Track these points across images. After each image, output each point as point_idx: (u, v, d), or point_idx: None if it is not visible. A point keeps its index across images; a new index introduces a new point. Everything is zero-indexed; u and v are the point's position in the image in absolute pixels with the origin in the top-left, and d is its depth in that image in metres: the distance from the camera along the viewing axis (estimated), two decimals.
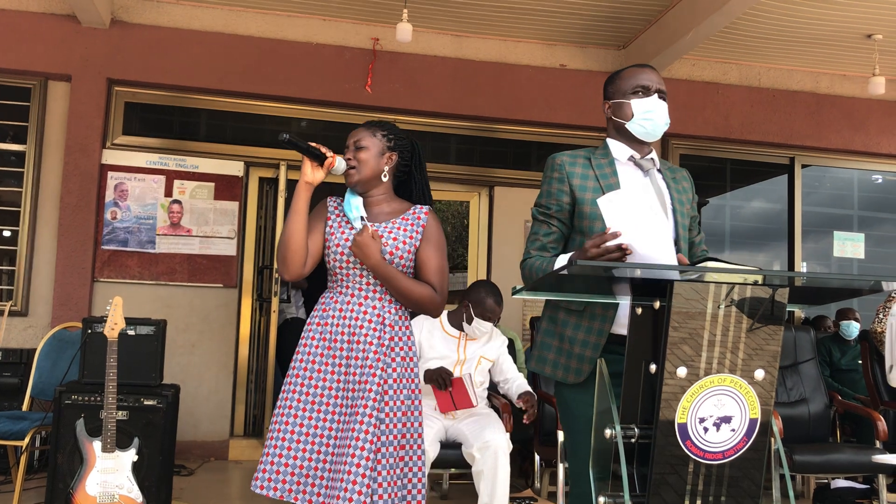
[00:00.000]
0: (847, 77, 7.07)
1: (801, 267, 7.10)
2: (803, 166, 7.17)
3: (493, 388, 4.42)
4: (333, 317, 2.56)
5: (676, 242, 2.36)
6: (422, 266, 2.64)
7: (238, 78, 6.08)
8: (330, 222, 2.66)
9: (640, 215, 2.06)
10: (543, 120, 6.57)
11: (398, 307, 2.62)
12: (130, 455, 3.66)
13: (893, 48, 6.39)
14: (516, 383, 4.21)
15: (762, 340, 1.95)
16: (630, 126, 2.38)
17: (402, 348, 2.60)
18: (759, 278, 1.92)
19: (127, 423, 3.99)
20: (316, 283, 6.60)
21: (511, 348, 5.21)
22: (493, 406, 4.30)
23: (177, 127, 6.25)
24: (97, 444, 3.61)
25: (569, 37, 6.47)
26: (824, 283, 2.14)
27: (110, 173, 5.95)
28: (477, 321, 4.07)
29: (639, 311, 2.03)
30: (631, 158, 2.41)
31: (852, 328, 5.96)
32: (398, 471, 2.53)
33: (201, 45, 6.05)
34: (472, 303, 4.09)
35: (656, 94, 2.40)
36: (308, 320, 2.63)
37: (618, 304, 2.23)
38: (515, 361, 5.25)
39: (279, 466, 2.47)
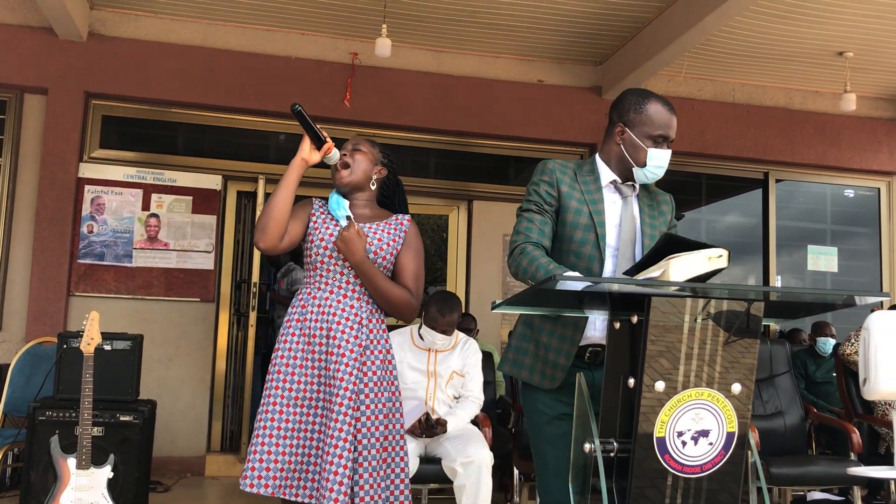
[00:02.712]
0: (819, 93, 7.18)
1: (776, 280, 7.18)
2: (777, 181, 7.27)
3: None
4: (312, 312, 2.58)
5: None
6: (401, 270, 2.70)
7: (216, 92, 6.07)
8: (314, 218, 2.70)
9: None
10: (521, 135, 6.61)
11: (374, 309, 2.65)
12: (106, 472, 3.62)
13: (864, 65, 6.51)
14: (465, 400, 4.13)
15: (738, 354, 1.98)
16: (636, 171, 2.38)
17: (380, 350, 2.63)
18: (726, 257, 1.95)
19: (102, 440, 3.95)
20: None
21: (489, 361, 5.22)
22: (472, 421, 4.29)
23: (154, 140, 6.23)
24: (72, 461, 3.57)
25: (546, 53, 6.52)
26: (798, 297, 2.17)
27: (87, 187, 5.91)
28: (428, 332, 4.04)
29: (617, 325, 2.05)
30: (613, 182, 2.41)
31: (828, 345, 6.00)
32: (381, 472, 2.54)
33: (179, 58, 6.03)
34: (424, 314, 4.08)
35: (668, 145, 2.39)
36: (287, 316, 2.64)
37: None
38: (493, 375, 5.27)
39: (268, 464, 2.48)
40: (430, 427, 3.87)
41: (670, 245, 2.03)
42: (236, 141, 6.36)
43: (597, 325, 2.26)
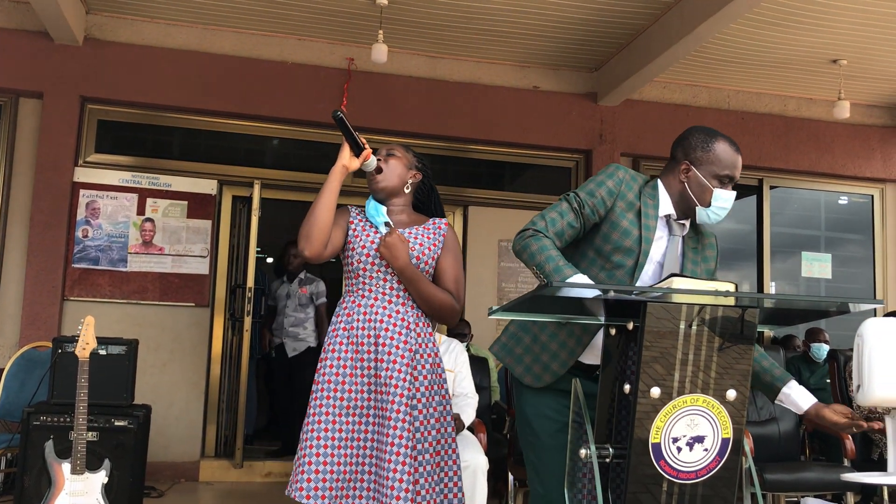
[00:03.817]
0: (813, 101, 7.22)
1: (770, 287, 7.20)
2: (771, 188, 7.30)
3: None
4: (358, 320, 2.56)
5: None
6: (441, 274, 2.69)
7: (212, 96, 6.07)
8: (353, 226, 2.69)
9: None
10: (517, 141, 6.62)
11: (420, 313, 2.64)
12: (100, 477, 3.61)
13: (858, 73, 6.54)
14: (464, 402, 4.14)
15: (733, 360, 1.99)
16: (700, 210, 2.32)
17: (429, 355, 2.62)
18: (732, 289, 1.96)
19: (97, 445, 3.94)
20: None
21: (485, 367, 5.23)
22: (468, 427, 4.28)
23: (150, 145, 6.22)
24: (66, 466, 3.56)
25: (542, 59, 6.54)
26: (792, 304, 2.18)
27: (82, 191, 5.90)
28: None
29: (612, 331, 2.06)
30: (667, 216, 2.35)
31: (822, 350, 6.04)
32: (436, 476, 2.54)
33: (175, 63, 6.04)
34: None
35: (733, 186, 2.34)
36: (332, 325, 2.62)
37: (595, 332, 2.24)
38: (489, 379, 5.27)
39: (324, 474, 2.43)
40: None
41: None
42: (232, 146, 6.36)
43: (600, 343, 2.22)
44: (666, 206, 2.34)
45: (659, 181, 2.38)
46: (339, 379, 2.53)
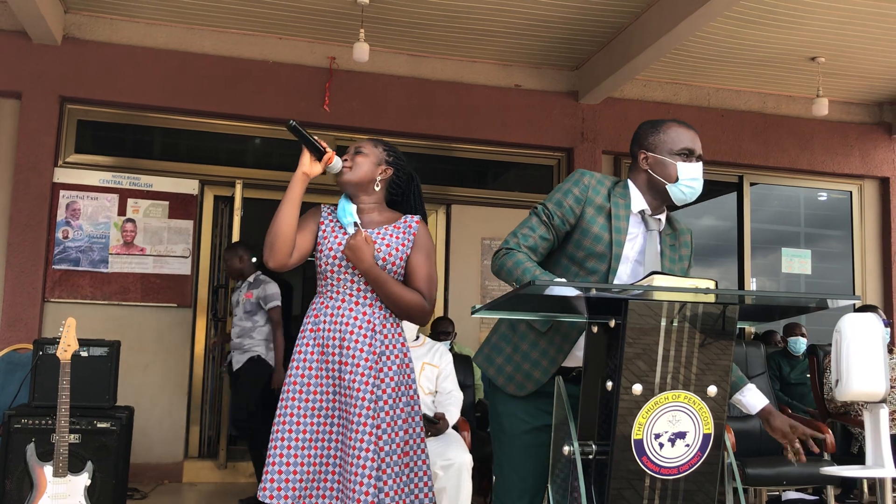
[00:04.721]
0: (792, 98, 7.28)
1: (751, 283, 7.26)
2: (751, 184, 7.36)
3: None
4: (325, 322, 2.56)
5: None
6: (412, 273, 2.65)
7: (193, 96, 6.04)
8: (323, 227, 2.67)
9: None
10: (499, 139, 6.64)
11: (388, 314, 2.62)
12: (83, 479, 3.59)
13: (836, 70, 6.61)
14: (445, 404, 4.15)
15: (714, 356, 2.01)
16: (671, 188, 2.33)
17: (396, 356, 2.60)
18: (711, 286, 1.98)
19: (79, 447, 3.92)
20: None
21: (468, 365, 5.24)
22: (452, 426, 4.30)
23: (130, 145, 6.18)
24: (48, 469, 3.54)
25: (524, 58, 6.56)
26: (772, 300, 2.21)
27: (62, 192, 5.86)
28: None
29: (594, 329, 2.08)
30: (641, 212, 2.36)
31: (800, 344, 6.11)
32: (404, 477, 2.54)
33: (156, 62, 6.00)
34: None
35: (697, 160, 2.36)
36: (302, 326, 2.62)
37: (576, 339, 2.26)
38: (473, 377, 5.28)
39: (287, 475, 2.45)
40: (430, 423, 3.89)
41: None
42: (213, 145, 6.34)
43: (582, 346, 2.25)
44: (638, 201, 2.36)
45: (628, 180, 2.41)
46: (305, 381, 2.54)
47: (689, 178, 2.32)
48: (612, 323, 2.00)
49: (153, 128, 6.20)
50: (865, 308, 5.25)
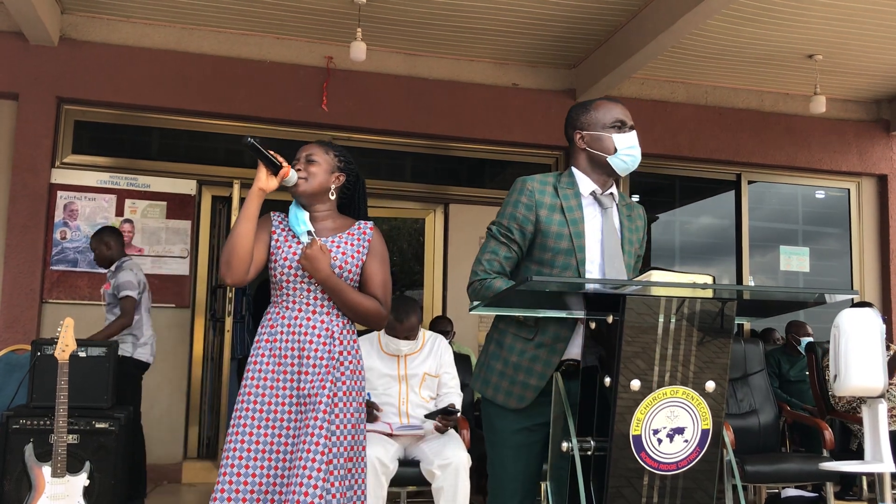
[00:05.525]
0: (790, 95, 7.28)
1: (749, 281, 7.26)
2: (749, 182, 7.35)
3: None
4: (282, 332, 2.56)
5: None
6: (368, 280, 2.67)
7: (190, 96, 6.03)
8: (275, 236, 2.65)
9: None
10: (496, 138, 6.63)
11: (345, 321, 2.63)
12: (82, 480, 3.59)
13: (833, 68, 6.61)
14: (448, 395, 4.15)
15: (712, 353, 2.01)
16: (612, 160, 2.38)
17: (350, 362, 2.62)
18: (710, 281, 1.98)
19: (78, 447, 3.91)
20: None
21: (467, 363, 5.23)
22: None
23: (128, 145, 6.18)
24: (47, 470, 3.54)
25: (520, 56, 6.55)
26: (770, 296, 2.21)
27: (60, 193, 5.85)
28: (391, 340, 4.02)
29: (593, 325, 2.07)
30: (592, 193, 2.40)
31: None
32: (347, 482, 2.55)
33: (153, 62, 5.99)
34: None
35: (631, 129, 2.42)
36: (257, 336, 2.61)
37: (568, 338, 2.26)
38: (471, 376, 5.27)
39: (238, 485, 2.46)
40: (449, 415, 3.91)
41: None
42: (211, 145, 6.33)
43: (577, 343, 2.26)
44: (586, 184, 2.41)
45: (572, 167, 2.46)
46: (260, 391, 2.53)
47: (626, 147, 2.39)
48: (610, 319, 1.99)
49: (150, 128, 6.19)
50: (861, 305, 5.26)
